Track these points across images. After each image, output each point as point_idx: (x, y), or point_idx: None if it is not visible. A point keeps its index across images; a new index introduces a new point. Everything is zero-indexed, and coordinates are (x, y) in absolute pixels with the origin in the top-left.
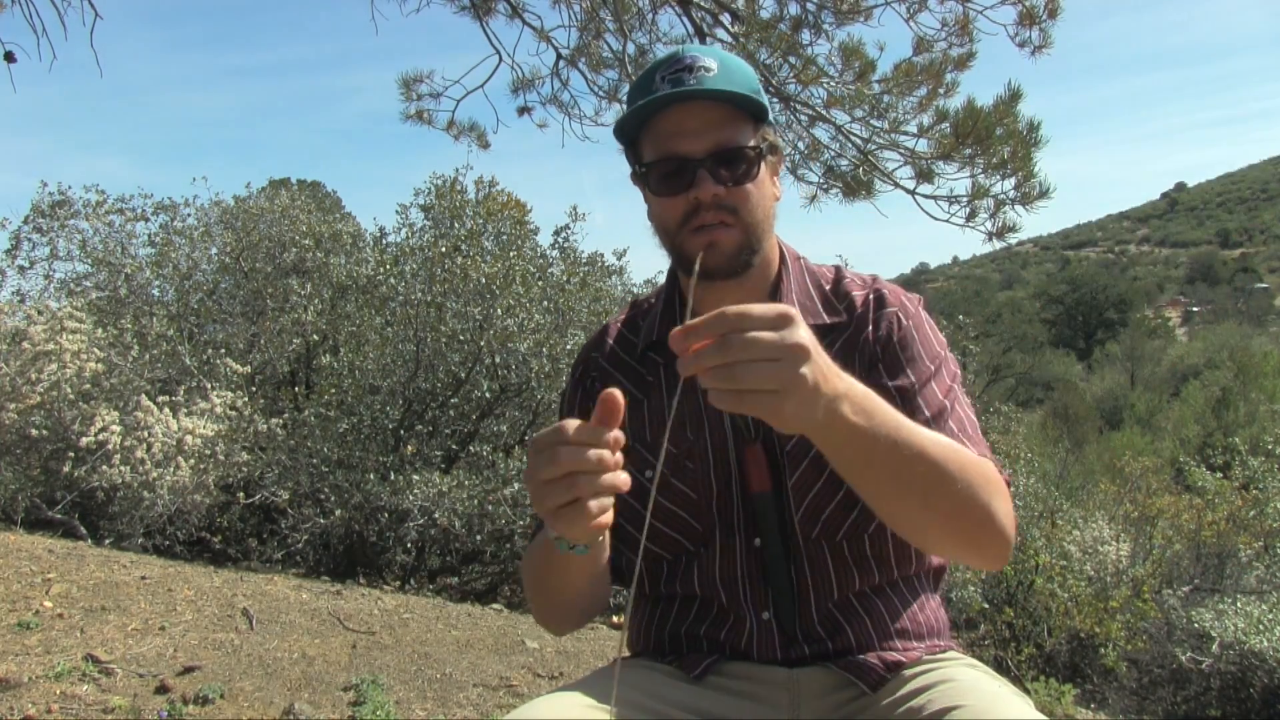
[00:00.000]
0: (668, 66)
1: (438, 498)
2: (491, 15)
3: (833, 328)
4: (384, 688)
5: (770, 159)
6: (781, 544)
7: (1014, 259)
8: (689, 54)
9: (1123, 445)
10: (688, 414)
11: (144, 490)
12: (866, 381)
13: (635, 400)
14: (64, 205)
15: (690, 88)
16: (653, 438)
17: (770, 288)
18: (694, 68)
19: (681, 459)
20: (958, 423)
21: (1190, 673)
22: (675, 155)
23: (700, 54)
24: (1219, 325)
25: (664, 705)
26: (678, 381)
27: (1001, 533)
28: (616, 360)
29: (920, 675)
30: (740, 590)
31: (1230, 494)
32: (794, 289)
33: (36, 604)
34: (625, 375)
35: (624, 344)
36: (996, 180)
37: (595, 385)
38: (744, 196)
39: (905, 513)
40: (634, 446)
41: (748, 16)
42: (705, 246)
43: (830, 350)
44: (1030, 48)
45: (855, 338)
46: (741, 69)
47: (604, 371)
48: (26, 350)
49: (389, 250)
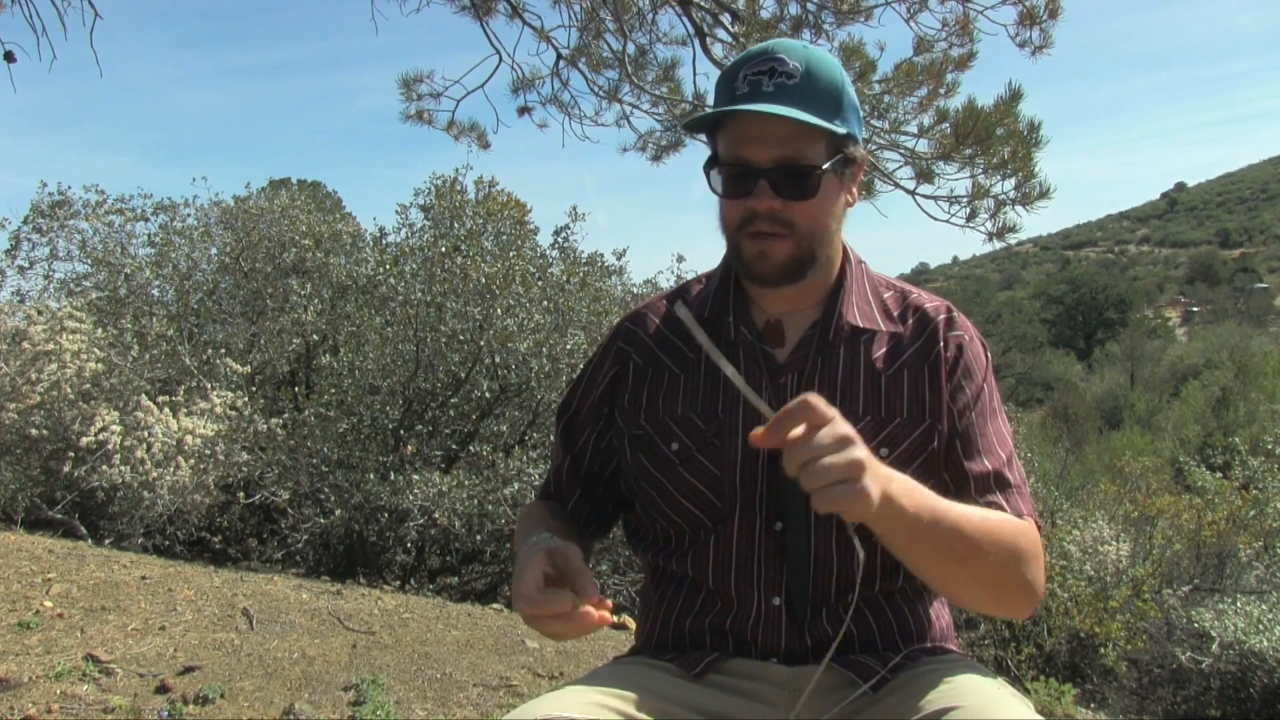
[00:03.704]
0: (752, 64)
1: (438, 498)
2: (491, 15)
3: (895, 335)
4: (384, 687)
5: (847, 170)
6: (805, 530)
7: (1014, 259)
8: (776, 53)
9: (1123, 445)
10: (723, 391)
11: (144, 490)
12: (935, 395)
13: (670, 373)
14: (64, 205)
15: (755, 105)
16: (683, 411)
17: (830, 291)
18: (775, 71)
19: (709, 435)
20: (1015, 474)
21: (1190, 672)
22: (741, 161)
23: (788, 54)
24: (1219, 325)
25: (666, 703)
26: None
27: (1029, 595)
28: (658, 334)
29: (920, 676)
30: (754, 572)
31: (1230, 494)
32: (854, 292)
33: (36, 604)
34: (665, 350)
35: (669, 321)
36: (997, 180)
37: (633, 359)
38: (802, 211)
39: (942, 578)
40: (663, 419)
41: (748, 16)
42: (757, 254)
43: (893, 358)
44: (1031, 48)
45: (927, 350)
46: (827, 77)
47: (642, 344)
48: (26, 350)
49: (389, 250)
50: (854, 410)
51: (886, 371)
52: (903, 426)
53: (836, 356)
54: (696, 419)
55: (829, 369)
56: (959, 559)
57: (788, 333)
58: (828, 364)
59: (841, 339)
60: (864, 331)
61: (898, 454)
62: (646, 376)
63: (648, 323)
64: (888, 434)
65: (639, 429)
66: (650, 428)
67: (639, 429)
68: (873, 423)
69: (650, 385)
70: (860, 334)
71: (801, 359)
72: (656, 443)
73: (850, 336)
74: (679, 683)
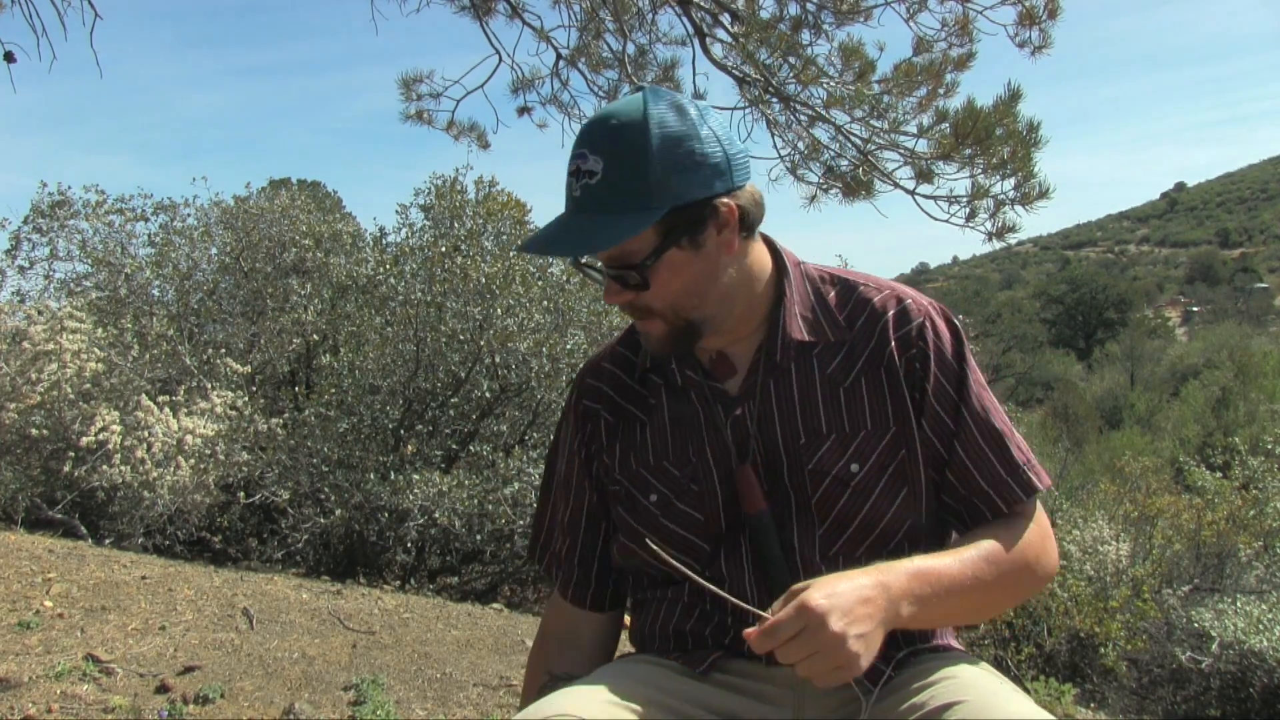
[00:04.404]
0: (572, 158)
1: (438, 497)
2: (491, 15)
3: (844, 343)
4: (384, 687)
5: (701, 232)
6: (785, 562)
7: (1014, 259)
8: (583, 144)
9: (1123, 445)
10: (690, 434)
11: (144, 490)
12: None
13: (640, 423)
14: (64, 205)
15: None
16: (656, 461)
17: (770, 308)
18: (580, 171)
19: (685, 481)
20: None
21: (1190, 672)
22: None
23: (592, 145)
24: (1219, 325)
25: (673, 699)
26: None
27: (1045, 580)
28: (619, 385)
29: (923, 673)
30: (747, 593)
31: (1230, 494)
32: (795, 303)
33: (36, 604)
34: (629, 400)
35: (625, 365)
36: (996, 180)
37: (601, 415)
38: (652, 297)
39: (967, 619)
40: (638, 471)
41: (748, 16)
42: (644, 336)
43: (847, 367)
44: (1030, 48)
45: (880, 353)
46: (630, 163)
47: (607, 399)
48: (26, 350)
49: (389, 250)
50: (817, 429)
51: (843, 383)
52: (869, 438)
53: (788, 376)
54: (670, 466)
55: (783, 390)
56: (978, 607)
57: (735, 362)
58: (781, 386)
59: (790, 357)
60: (813, 345)
61: (869, 468)
62: (617, 430)
63: (606, 374)
64: (856, 449)
65: (615, 484)
66: (626, 481)
67: (615, 484)
68: (838, 440)
69: (621, 438)
70: (810, 347)
71: (753, 386)
72: (635, 496)
73: (800, 351)
74: (685, 680)
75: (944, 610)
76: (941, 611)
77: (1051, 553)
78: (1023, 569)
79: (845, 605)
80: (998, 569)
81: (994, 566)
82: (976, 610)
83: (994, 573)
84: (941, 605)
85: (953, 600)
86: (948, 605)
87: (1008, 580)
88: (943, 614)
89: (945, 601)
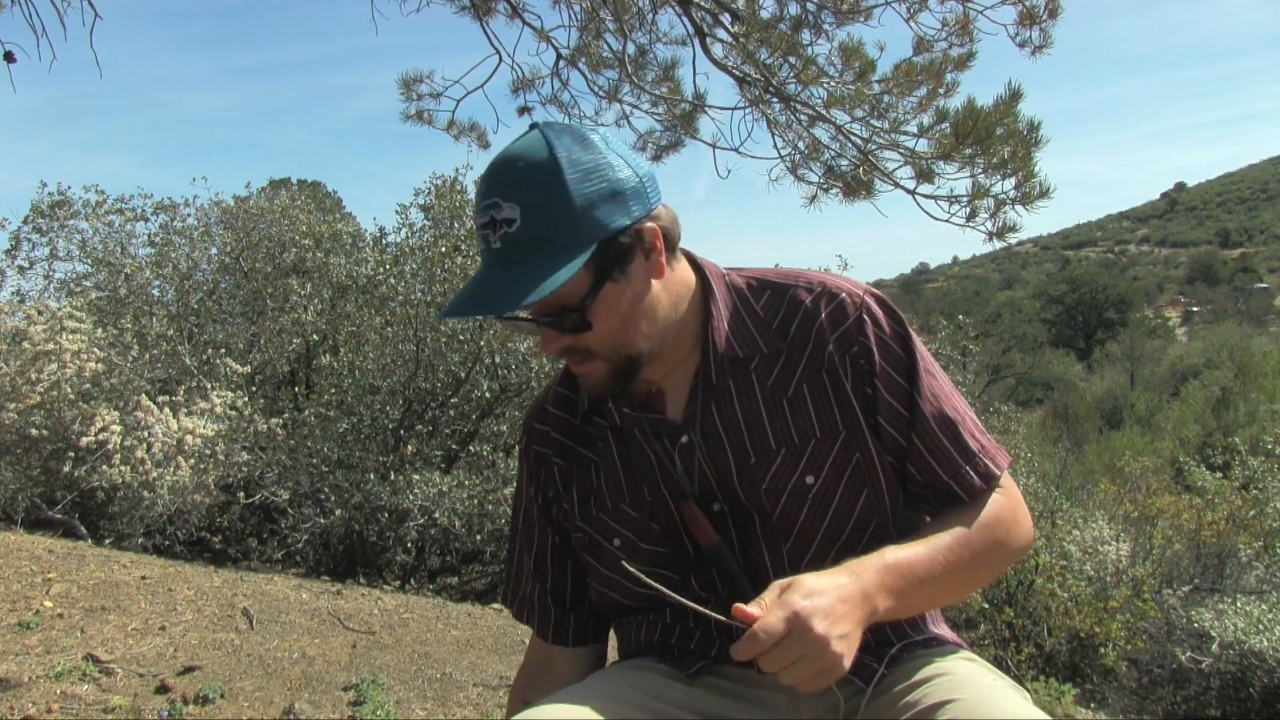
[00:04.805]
0: (479, 211)
1: (438, 497)
2: (491, 15)
3: (781, 352)
4: (384, 687)
5: (630, 264)
6: (752, 584)
7: (1014, 259)
8: (492, 192)
9: (1123, 445)
10: (641, 473)
11: (144, 490)
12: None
13: (594, 465)
14: (63, 205)
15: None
16: (613, 505)
17: (698, 331)
18: (495, 222)
19: (644, 521)
20: (970, 435)
21: (1190, 672)
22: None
23: (503, 191)
24: (1219, 325)
25: (663, 705)
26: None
27: (1019, 555)
28: (565, 427)
29: (918, 669)
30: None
31: (1230, 494)
32: (724, 320)
33: (36, 604)
34: (576, 440)
35: (567, 406)
36: (997, 180)
37: (553, 460)
38: (592, 339)
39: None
40: (598, 516)
41: (748, 16)
42: (583, 378)
43: (787, 377)
44: (1030, 48)
45: (819, 357)
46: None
47: (555, 443)
48: (26, 350)
49: (389, 250)
50: (766, 446)
51: (786, 394)
52: (821, 446)
53: (729, 395)
54: (628, 509)
55: (726, 411)
56: (954, 589)
57: (673, 390)
58: (724, 406)
59: (727, 375)
60: (750, 359)
61: (824, 476)
62: (571, 474)
63: (551, 417)
64: (808, 460)
65: (578, 530)
66: (588, 527)
67: (578, 530)
68: (789, 453)
69: (577, 482)
70: (746, 362)
71: (694, 412)
72: (598, 541)
73: (736, 367)
74: (676, 685)
75: (920, 599)
76: (918, 600)
77: (1024, 523)
78: (995, 545)
79: (827, 606)
80: (970, 550)
81: (966, 548)
82: (953, 592)
83: (967, 554)
84: (917, 594)
85: (927, 588)
86: (923, 593)
87: (982, 559)
88: (919, 602)
89: (920, 590)
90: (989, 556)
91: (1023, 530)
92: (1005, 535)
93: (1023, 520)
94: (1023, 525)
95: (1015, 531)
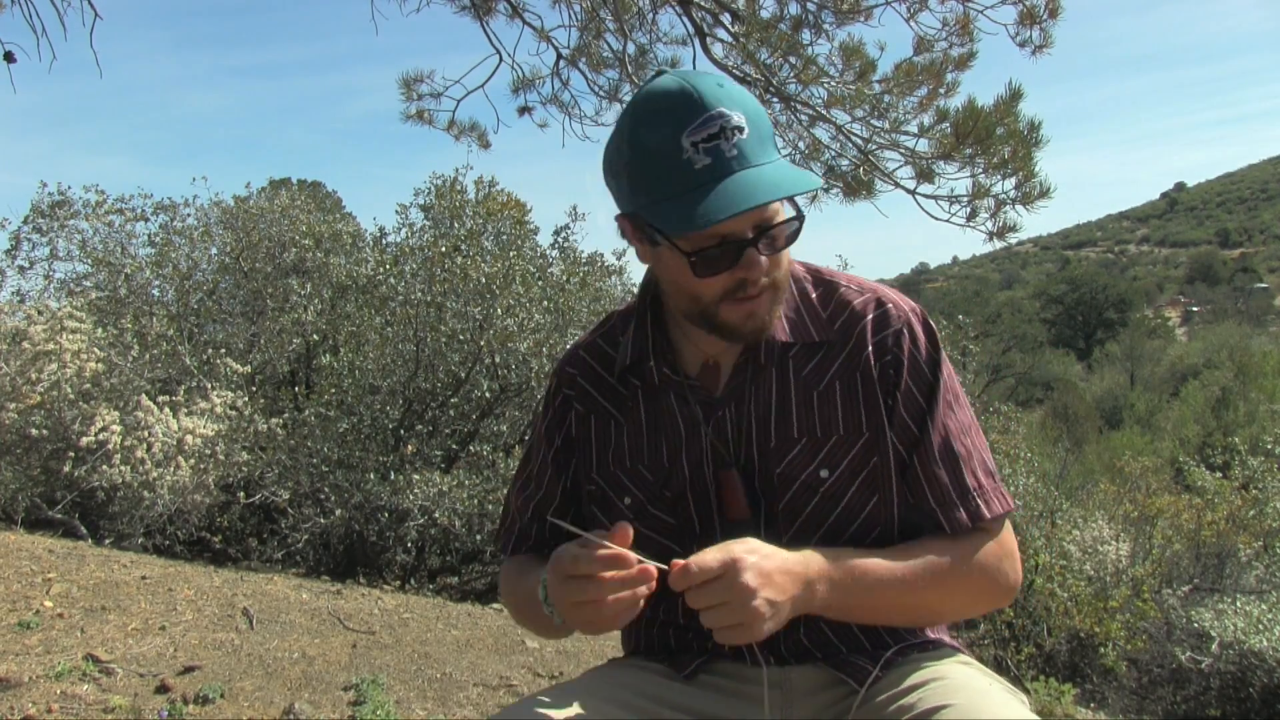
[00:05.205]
0: (696, 128)
1: (438, 497)
2: (491, 15)
3: (823, 344)
4: (384, 687)
5: None
6: None
7: (1014, 259)
8: (712, 105)
9: (1122, 445)
10: (666, 437)
11: (144, 490)
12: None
13: (615, 421)
14: (64, 205)
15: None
16: (631, 464)
17: None
18: (726, 130)
19: (659, 486)
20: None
21: (1190, 672)
22: (725, 239)
23: (723, 103)
24: (1219, 325)
25: (656, 705)
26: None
27: (997, 601)
28: (595, 378)
29: (912, 672)
30: None
31: (1230, 494)
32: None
33: (36, 604)
34: (604, 394)
35: (602, 360)
36: (997, 180)
37: (573, 405)
38: (780, 263)
39: (900, 621)
40: (614, 471)
41: (748, 16)
42: (746, 316)
43: (822, 371)
44: (1031, 47)
45: (856, 357)
46: (758, 111)
47: (582, 391)
48: (26, 350)
49: (389, 250)
50: (788, 433)
51: (817, 386)
52: (841, 444)
53: (769, 379)
54: (644, 470)
55: (761, 395)
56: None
57: (724, 368)
58: (760, 389)
59: (773, 360)
60: (793, 345)
61: (838, 474)
62: (591, 425)
63: (584, 365)
64: (826, 454)
65: (592, 483)
66: (602, 481)
67: (592, 483)
68: (809, 444)
69: (597, 435)
70: (790, 348)
71: (737, 389)
72: (610, 496)
73: (781, 353)
74: (670, 684)
75: (866, 607)
76: (863, 608)
77: (1007, 572)
78: (965, 584)
79: (765, 568)
80: (935, 580)
81: (931, 577)
82: (906, 614)
83: (930, 581)
84: (864, 600)
85: (876, 598)
86: (870, 602)
87: (948, 593)
88: (865, 611)
89: (868, 598)
90: (956, 593)
91: (1004, 578)
92: (980, 577)
93: (1007, 570)
94: (1005, 574)
95: (994, 578)
